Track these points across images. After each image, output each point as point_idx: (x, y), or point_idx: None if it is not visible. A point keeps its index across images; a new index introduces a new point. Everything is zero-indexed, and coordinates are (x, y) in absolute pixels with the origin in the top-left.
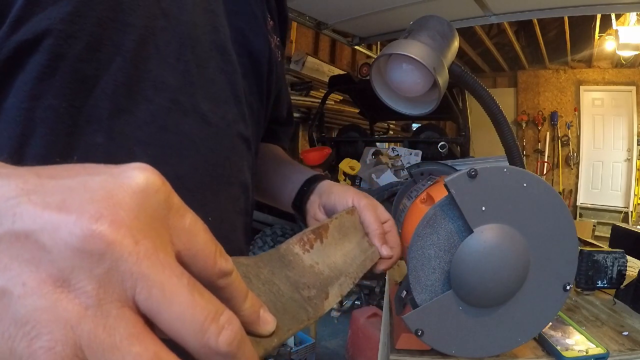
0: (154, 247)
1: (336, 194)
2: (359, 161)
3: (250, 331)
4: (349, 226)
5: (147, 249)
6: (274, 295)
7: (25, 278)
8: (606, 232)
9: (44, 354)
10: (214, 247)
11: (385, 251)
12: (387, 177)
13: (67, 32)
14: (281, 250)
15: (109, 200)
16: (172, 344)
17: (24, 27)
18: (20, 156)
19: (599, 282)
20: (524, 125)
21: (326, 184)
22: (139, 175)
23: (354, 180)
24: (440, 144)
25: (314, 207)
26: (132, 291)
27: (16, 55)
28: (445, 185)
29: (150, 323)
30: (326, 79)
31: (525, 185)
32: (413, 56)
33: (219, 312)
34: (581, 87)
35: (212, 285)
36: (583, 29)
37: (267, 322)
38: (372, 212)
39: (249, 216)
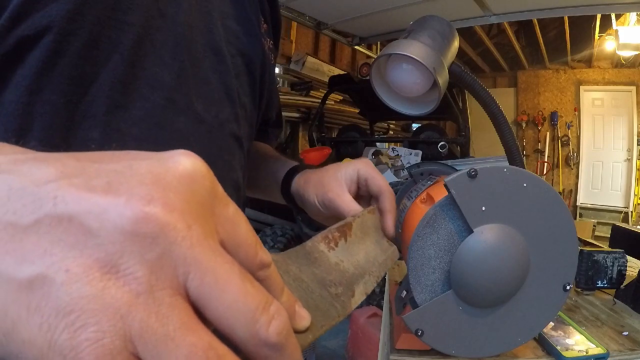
0: (205, 233)
1: (342, 167)
2: None
3: None
4: (369, 225)
5: (199, 234)
6: (304, 292)
7: (69, 264)
8: (606, 232)
9: (90, 346)
10: (255, 238)
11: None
12: (387, 177)
13: (67, 29)
14: (307, 247)
15: (159, 184)
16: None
17: (24, 22)
18: None
19: (599, 282)
20: (524, 125)
21: (309, 177)
22: (186, 161)
23: None
24: (440, 144)
25: (314, 206)
26: (184, 277)
27: (16, 50)
28: (445, 185)
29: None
30: (326, 79)
31: (525, 185)
32: (413, 56)
33: (268, 302)
34: (581, 87)
35: (252, 276)
36: (583, 29)
37: (303, 317)
38: (380, 175)
39: None
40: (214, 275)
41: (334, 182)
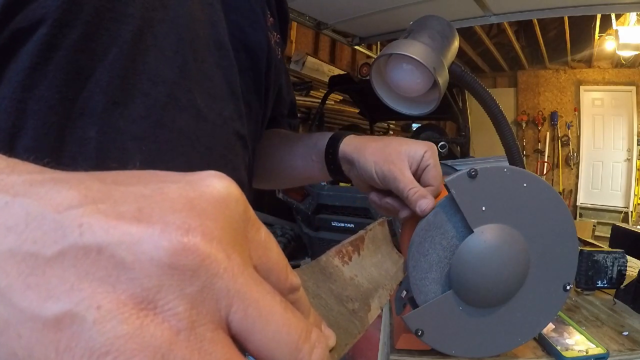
0: (244, 262)
1: (406, 143)
2: None
3: None
4: (381, 238)
5: (239, 264)
6: (324, 309)
7: (100, 300)
8: (606, 232)
9: None
10: (285, 261)
11: (423, 205)
12: None
13: (62, 20)
14: (322, 262)
15: (193, 211)
16: None
17: (18, 15)
18: (10, 148)
19: (599, 282)
20: (524, 125)
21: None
22: (218, 184)
23: None
24: (440, 144)
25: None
26: (227, 310)
27: (9, 44)
28: (446, 185)
29: None
30: (326, 79)
31: (525, 185)
32: (413, 56)
33: (309, 330)
34: (581, 87)
35: None
36: (583, 29)
37: (329, 337)
38: (438, 168)
39: None
40: (257, 307)
41: (398, 157)
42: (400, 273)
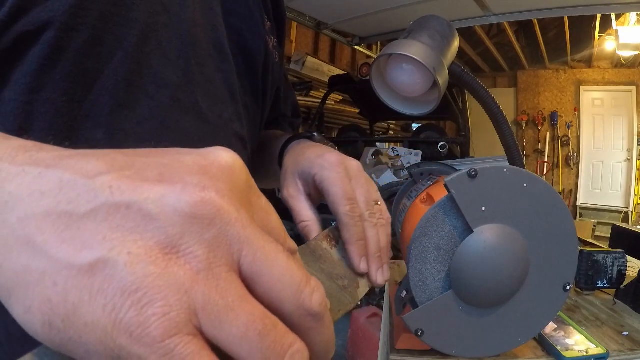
0: (250, 217)
1: (305, 160)
2: (359, 161)
3: None
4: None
5: (246, 217)
6: None
7: (130, 246)
8: (606, 232)
9: (158, 320)
10: (283, 227)
11: (362, 267)
12: (387, 177)
13: (69, 24)
14: (311, 245)
15: (207, 174)
16: None
17: (24, 18)
18: None
19: (599, 282)
20: (524, 125)
21: (298, 148)
22: (226, 155)
23: None
24: (440, 144)
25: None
26: (238, 255)
27: (16, 47)
28: (445, 185)
29: None
30: (326, 79)
31: (525, 185)
32: (413, 56)
33: (308, 276)
34: (581, 87)
35: None
36: (583, 29)
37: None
38: (340, 185)
39: None
40: (264, 253)
41: (292, 181)
42: (364, 288)
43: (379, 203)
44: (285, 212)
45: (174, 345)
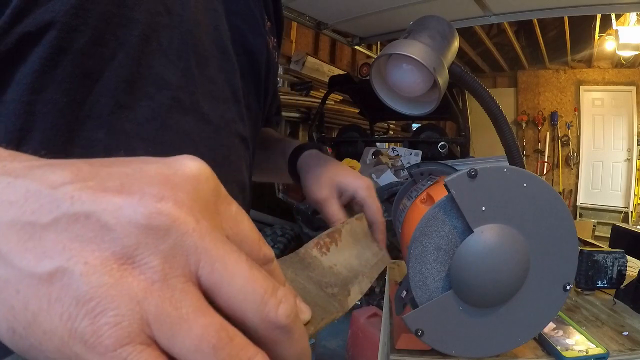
0: (212, 226)
1: (342, 175)
2: (359, 161)
3: None
4: (359, 232)
5: (207, 227)
6: (302, 291)
7: (87, 256)
8: (606, 232)
9: (110, 329)
10: (258, 234)
11: (383, 244)
12: (387, 177)
13: (70, 25)
14: (300, 254)
15: (168, 184)
16: None
17: (26, 18)
18: (19, 150)
19: (599, 282)
20: (524, 125)
21: (316, 166)
22: (191, 163)
23: None
24: (440, 144)
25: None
26: (195, 266)
27: (18, 47)
28: (445, 185)
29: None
30: (326, 79)
31: (525, 185)
32: (413, 56)
33: (276, 287)
34: (581, 87)
35: None
36: (583, 29)
37: (303, 310)
38: (376, 202)
39: None
40: (224, 263)
41: (330, 186)
42: (380, 264)
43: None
44: (285, 212)
45: (126, 354)
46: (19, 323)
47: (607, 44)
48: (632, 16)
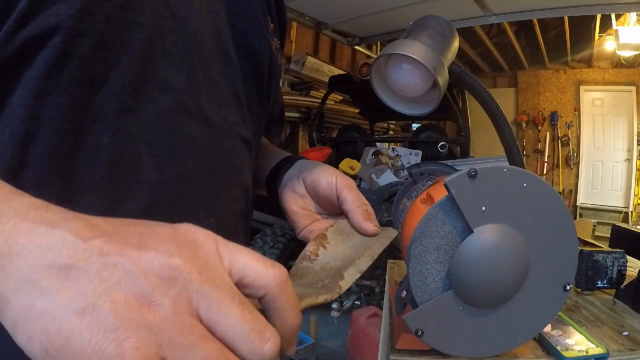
0: (212, 275)
1: (319, 170)
2: (359, 161)
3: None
4: (347, 228)
5: (207, 276)
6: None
7: (114, 296)
8: (606, 232)
9: (132, 352)
10: (256, 266)
11: (369, 227)
12: (387, 177)
13: (75, 29)
14: (291, 271)
15: (175, 243)
16: None
17: (32, 22)
18: (24, 154)
19: (599, 282)
20: (524, 125)
21: (306, 162)
22: (193, 228)
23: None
24: (440, 144)
25: (293, 181)
26: (197, 306)
27: (23, 52)
28: (445, 185)
29: None
30: (326, 79)
31: (525, 185)
32: (413, 56)
33: (264, 327)
34: (581, 87)
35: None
36: (583, 29)
37: (290, 347)
38: (355, 192)
39: (249, 218)
40: (219, 305)
41: (344, 177)
42: (384, 239)
43: None
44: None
45: None
46: (52, 345)
47: (607, 44)
48: (632, 16)
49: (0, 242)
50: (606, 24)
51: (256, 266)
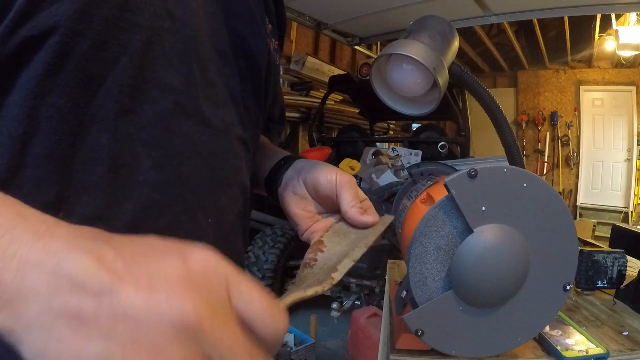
0: (223, 320)
1: (318, 169)
2: (359, 161)
3: None
4: (344, 227)
5: (218, 323)
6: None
7: (125, 346)
8: (606, 232)
9: None
10: (266, 302)
11: (367, 219)
12: (387, 177)
13: (73, 29)
14: (295, 281)
15: (186, 285)
16: None
17: (29, 23)
18: (22, 155)
19: (599, 282)
20: (524, 125)
21: (305, 161)
22: (199, 257)
23: None
24: (440, 144)
25: (293, 182)
26: (209, 352)
27: (21, 52)
28: (445, 185)
29: None
30: (326, 79)
31: (525, 185)
32: (413, 56)
33: None
34: (581, 87)
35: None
36: (583, 29)
37: None
38: (352, 190)
39: (247, 218)
40: (229, 352)
41: (343, 173)
42: (380, 226)
43: None
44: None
45: None
46: None
47: (607, 44)
48: (632, 16)
49: (8, 277)
50: (606, 24)
51: (261, 313)
